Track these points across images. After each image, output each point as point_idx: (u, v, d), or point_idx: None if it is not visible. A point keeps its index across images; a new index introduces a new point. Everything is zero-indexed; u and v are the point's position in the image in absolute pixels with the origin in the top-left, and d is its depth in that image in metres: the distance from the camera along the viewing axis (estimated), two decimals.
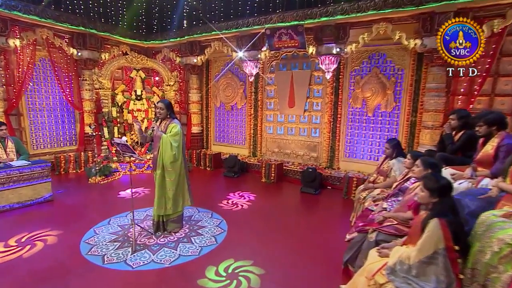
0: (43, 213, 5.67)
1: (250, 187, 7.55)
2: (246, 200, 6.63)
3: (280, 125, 9.03)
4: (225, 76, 9.91)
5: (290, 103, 8.77)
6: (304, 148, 8.71)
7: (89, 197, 6.62)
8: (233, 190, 7.32)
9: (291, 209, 6.28)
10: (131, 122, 9.45)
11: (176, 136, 4.30)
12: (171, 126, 4.38)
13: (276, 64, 8.99)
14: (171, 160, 4.32)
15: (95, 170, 7.85)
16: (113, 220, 5.41)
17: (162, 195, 4.50)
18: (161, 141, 4.32)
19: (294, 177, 8.19)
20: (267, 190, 7.39)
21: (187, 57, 9.59)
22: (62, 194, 6.67)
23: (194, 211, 5.98)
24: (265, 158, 9.48)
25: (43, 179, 6.10)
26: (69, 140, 9.18)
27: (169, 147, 4.28)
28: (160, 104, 4.42)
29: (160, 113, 4.42)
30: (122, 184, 7.71)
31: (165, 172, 4.39)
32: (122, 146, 4.36)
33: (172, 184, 4.45)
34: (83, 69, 8.80)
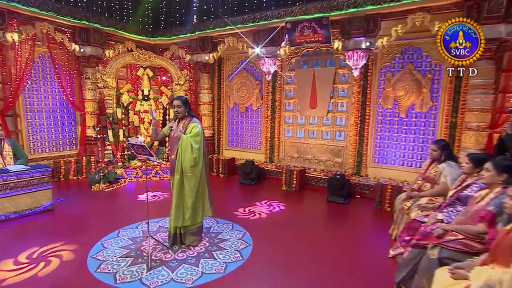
0: (43, 224, 5.42)
1: (270, 196, 7.27)
2: (268, 210, 6.36)
3: (300, 127, 8.76)
4: (239, 75, 9.70)
5: (311, 103, 8.49)
6: (327, 153, 8.41)
7: (93, 206, 6.38)
8: (251, 199, 7.04)
9: (320, 221, 6.00)
10: (137, 125, 9.18)
11: (197, 137, 4.10)
12: (191, 126, 4.17)
13: (296, 61, 8.71)
14: (191, 163, 4.08)
15: (99, 177, 7.58)
16: (122, 232, 5.11)
17: (180, 203, 4.25)
18: (180, 143, 4.12)
19: (317, 185, 7.91)
20: (289, 199, 7.10)
21: (198, 55, 9.36)
22: (63, 202, 6.44)
23: (213, 222, 5.65)
24: (283, 164, 9.16)
25: (43, 186, 5.84)
26: (69, 144, 8.97)
27: (189, 149, 4.06)
28: (176, 101, 4.21)
29: (178, 112, 4.21)
30: (128, 191, 7.51)
31: (184, 177, 4.16)
32: (138, 148, 4.05)
33: (191, 191, 4.20)
34: (85, 67, 8.60)
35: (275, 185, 8.19)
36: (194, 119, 4.28)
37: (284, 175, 7.95)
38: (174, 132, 4.24)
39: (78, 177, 8.45)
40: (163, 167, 8.73)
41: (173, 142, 4.24)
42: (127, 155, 8.80)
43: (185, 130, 4.18)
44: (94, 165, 8.66)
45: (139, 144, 4.00)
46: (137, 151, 4.04)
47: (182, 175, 4.15)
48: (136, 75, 9.24)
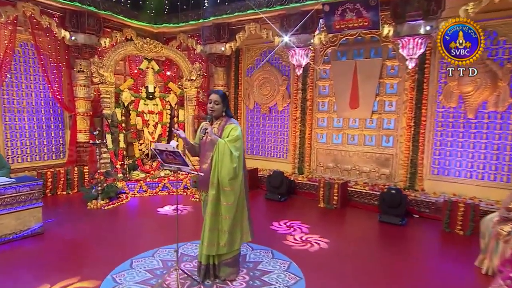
0: (32, 252, 5.02)
1: (308, 215, 6.97)
2: (310, 232, 5.99)
3: (338, 131, 8.46)
4: (262, 69, 9.39)
5: (352, 102, 8.16)
6: (372, 162, 8.08)
7: (93, 228, 6.06)
8: (286, 219, 6.65)
9: (379, 247, 5.60)
10: (141, 128, 8.81)
11: (237, 141, 3.86)
12: (229, 128, 3.93)
13: (332, 51, 8.32)
14: (230, 176, 3.80)
15: (96, 191, 7.17)
16: (136, 262, 4.66)
17: (215, 226, 3.95)
18: (216, 149, 3.84)
19: (362, 201, 7.56)
20: (333, 220, 6.85)
21: (211, 45, 9.02)
22: (54, 223, 6.10)
23: (247, 248, 5.17)
24: (314, 175, 8.71)
25: (32, 204, 5.43)
26: (56, 151, 8.57)
27: (227, 157, 3.80)
28: (214, 96, 3.96)
29: (214, 109, 3.95)
30: (132, 209, 7.24)
31: (221, 193, 3.89)
32: (168, 155, 3.70)
33: (229, 211, 3.92)
34: (77, 59, 8.27)
35: (309, 202, 7.86)
36: (232, 119, 4.05)
37: (322, 190, 7.62)
38: (209, 135, 3.88)
39: (68, 192, 8.09)
40: (172, 180, 8.43)
41: (205, 148, 3.99)
42: (127, 164, 8.51)
43: (221, 133, 3.93)
44: (88, 177, 8.31)
45: (171, 150, 3.62)
46: (166, 160, 3.79)
47: (218, 190, 3.87)
48: (139, 68, 8.96)
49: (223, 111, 3.99)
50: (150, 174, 8.52)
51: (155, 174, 8.57)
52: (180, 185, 8.34)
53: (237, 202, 3.92)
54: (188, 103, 9.17)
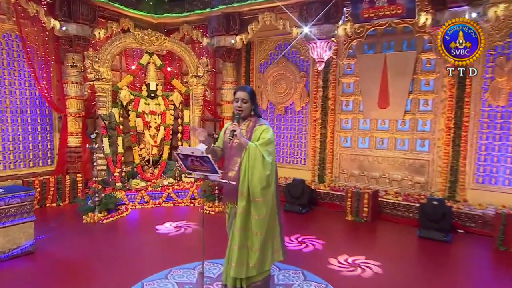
0: (24, 274, 4.82)
1: (336, 230, 6.89)
2: (342, 250, 5.77)
3: (364, 134, 8.29)
4: (277, 64, 9.23)
5: (381, 101, 7.94)
6: (404, 169, 7.84)
7: (91, 245, 5.87)
8: (311, 234, 6.42)
9: (424, 267, 5.32)
10: (141, 131, 8.54)
11: (270, 145, 3.77)
12: (260, 130, 3.83)
13: (358, 44, 8.10)
14: (263, 184, 3.69)
15: (93, 203, 6.90)
16: (148, 286, 4.44)
17: (244, 244, 3.82)
18: (246, 154, 3.74)
19: (394, 213, 7.33)
20: (363, 235, 6.72)
21: (220, 37, 8.83)
22: (47, 240, 5.86)
23: (273, 268, 4.87)
24: (338, 184, 8.52)
25: (23, 218, 5.21)
26: (43, 157, 8.32)
27: (259, 163, 3.68)
28: (241, 93, 3.86)
29: (242, 108, 3.85)
30: (134, 222, 7.08)
31: (252, 205, 3.77)
32: (194, 161, 3.50)
33: (260, 225, 3.79)
34: (67, 52, 8.04)
35: (334, 214, 7.67)
36: (262, 120, 3.96)
37: (349, 200, 7.38)
38: (238, 138, 3.75)
39: (59, 204, 7.82)
40: (177, 189, 8.21)
41: (232, 153, 3.89)
42: (126, 172, 8.31)
43: (250, 136, 3.82)
44: (82, 187, 8.05)
45: (199, 155, 3.42)
46: (190, 166, 3.59)
47: (248, 201, 3.76)
48: (138, 63, 8.72)
49: (252, 110, 3.89)
50: (151, 183, 8.27)
51: (157, 182, 8.31)
52: (186, 195, 8.15)
53: (269, 215, 3.81)
54: (194, 103, 8.98)
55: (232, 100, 9.03)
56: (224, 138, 3.98)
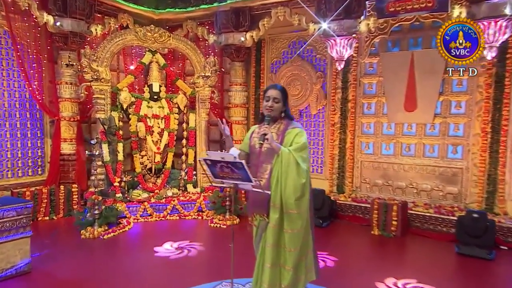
0: None
1: (362, 245, 6.78)
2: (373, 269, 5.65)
3: (388, 140, 8.16)
4: (291, 63, 9.14)
5: (408, 103, 7.80)
6: (434, 178, 7.70)
7: (94, 263, 5.73)
8: (334, 250, 6.25)
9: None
10: (143, 136, 8.38)
11: (304, 151, 3.70)
12: (293, 133, 3.77)
13: (382, 41, 7.88)
14: (298, 194, 3.61)
15: (92, 216, 6.73)
16: None
17: (277, 262, 3.74)
18: (278, 160, 3.66)
19: (425, 227, 7.18)
20: (395, 251, 6.60)
21: (228, 34, 8.80)
22: (42, 258, 5.71)
23: None
24: (359, 194, 8.38)
25: (19, 233, 5.02)
26: (33, 165, 8.22)
27: (294, 170, 3.60)
28: (273, 91, 3.80)
29: (273, 108, 3.78)
30: (136, 238, 6.95)
31: (285, 217, 3.69)
32: (224, 167, 3.41)
33: (294, 240, 3.72)
34: (61, 50, 8.00)
35: (358, 228, 7.57)
36: (294, 122, 3.91)
37: (376, 213, 7.22)
38: (270, 142, 3.61)
39: (52, 217, 7.71)
40: (182, 201, 8.07)
41: (261, 159, 3.80)
42: (126, 181, 8.21)
43: (282, 140, 3.75)
44: (78, 198, 7.92)
45: (231, 161, 3.32)
46: (219, 174, 3.54)
47: (281, 213, 3.68)
48: (140, 62, 8.63)
49: (283, 111, 3.81)
50: (154, 194, 8.10)
51: (160, 193, 8.13)
52: (193, 207, 7.99)
53: (304, 230, 3.75)
54: (200, 106, 8.84)
55: (241, 104, 9.21)
56: (251, 143, 3.88)
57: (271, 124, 3.81)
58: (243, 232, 6.92)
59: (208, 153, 3.58)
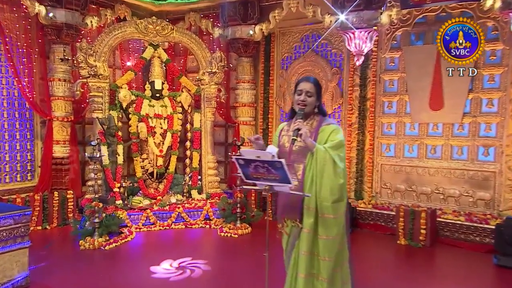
0: None
1: (391, 257, 6.75)
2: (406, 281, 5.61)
3: (412, 141, 8.10)
4: (304, 59, 9.11)
5: (433, 102, 7.73)
6: (462, 183, 7.59)
7: (97, 278, 5.59)
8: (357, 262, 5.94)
9: None
10: (144, 138, 8.32)
11: (341, 149, 3.65)
12: (328, 130, 3.71)
13: (404, 34, 7.87)
14: (335, 197, 3.55)
15: (92, 225, 6.65)
16: None
17: (311, 272, 3.66)
18: (313, 159, 3.60)
19: (456, 236, 7.09)
20: (424, 262, 6.44)
21: (235, 28, 8.81)
22: (40, 271, 5.60)
23: None
24: (379, 201, 8.29)
25: (16, 243, 4.89)
26: (22, 170, 8.17)
27: (331, 170, 3.53)
28: (306, 84, 3.74)
29: (306, 103, 3.71)
30: (140, 249, 6.89)
31: (319, 222, 3.62)
32: (259, 166, 3.31)
33: (329, 248, 3.65)
34: (54, 43, 7.94)
35: (381, 237, 7.51)
36: (328, 118, 3.88)
37: (402, 221, 7.11)
38: (303, 138, 3.53)
39: (45, 227, 7.61)
40: (188, 208, 7.97)
41: (291, 158, 3.72)
42: (126, 187, 8.08)
43: (315, 137, 3.69)
44: (74, 206, 7.80)
45: (268, 160, 3.21)
46: (252, 174, 3.45)
47: (316, 217, 3.61)
48: (141, 57, 8.55)
49: (316, 106, 3.75)
50: (157, 201, 7.98)
51: (163, 200, 7.99)
52: (199, 214, 7.89)
53: (340, 236, 3.69)
54: (206, 105, 8.77)
55: (249, 103, 9.13)
56: (280, 141, 3.80)
57: (303, 120, 3.74)
58: (256, 243, 6.85)
59: (242, 151, 3.49)
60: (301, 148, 3.63)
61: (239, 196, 7.31)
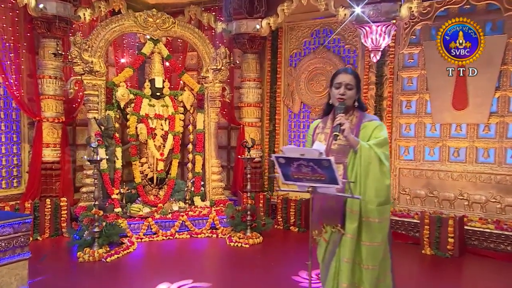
0: None
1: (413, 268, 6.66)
2: None
3: (433, 143, 8.02)
4: (314, 55, 9.07)
5: (456, 101, 7.63)
6: (489, 188, 7.47)
7: None
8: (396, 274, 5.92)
9: None
10: (144, 140, 8.21)
11: (385, 147, 3.61)
12: (371, 127, 3.67)
13: (424, 28, 7.80)
14: (381, 199, 3.50)
15: (91, 234, 6.53)
16: None
17: (353, 282, 3.60)
18: (357, 157, 3.54)
19: (485, 246, 6.96)
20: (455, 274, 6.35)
21: (240, 22, 8.75)
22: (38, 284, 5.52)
23: None
24: (397, 207, 8.22)
25: (15, 255, 4.67)
26: (8, 176, 8.08)
27: (376, 169, 3.49)
28: (345, 76, 3.67)
29: (345, 96, 3.63)
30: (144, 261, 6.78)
31: (363, 227, 3.56)
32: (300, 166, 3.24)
33: (373, 256, 3.59)
34: (44, 37, 7.87)
35: (403, 246, 7.39)
36: (368, 114, 3.85)
37: (427, 228, 7.02)
38: (346, 134, 3.46)
39: (36, 238, 7.49)
40: (193, 216, 7.85)
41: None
42: (124, 194, 7.98)
43: (357, 135, 3.65)
44: (67, 214, 7.67)
45: (314, 158, 3.12)
46: (294, 174, 3.35)
47: (360, 222, 3.55)
48: (140, 53, 8.51)
49: (355, 100, 3.69)
50: (158, 208, 7.86)
51: (165, 208, 7.87)
52: (205, 223, 7.78)
53: (384, 243, 3.62)
54: (210, 105, 8.70)
55: (255, 103, 9.10)
56: (314, 139, 3.74)
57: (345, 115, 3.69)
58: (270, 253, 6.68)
59: (284, 148, 3.37)
60: (340, 146, 3.56)
61: (249, 202, 7.22)
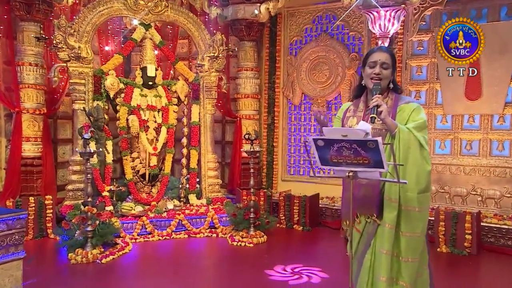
0: None
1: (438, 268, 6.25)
2: None
3: (444, 136, 8.13)
4: (316, 43, 9.10)
5: (469, 91, 7.69)
6: (504, 182, 7.54)
7: None
8: None
9: None
10: (135, 133, 8.10)
11: (425, 130, 3.58)
12: (408, 109, 3.63)
13: (434, 13, 7.90)
14: (422, 186, 3.45)
15: (84, 234, 6.42)
16: None
17: (391, 275, 3.51)
18: (395, 141, 3.47)
19: (502, 243, 6.97)
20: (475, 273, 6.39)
21: (237, 7, 8.76)
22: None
23: None
24: None
25: (9, 254, 4.63)
26: None
27: (417, 153, 3.45)
28: (380, 54, 3.66)
29: (381, 76, 3.60)
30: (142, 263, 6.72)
31: (403, 215, 3.50)
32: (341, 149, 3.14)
33: (414, 248, 3.55)
34: (23, 21, 7.78)
35: None
36: (404, 96, 3.81)
37: (443, 225, 7.00)
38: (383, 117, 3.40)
39: None
40: (190, 215, 7.78)
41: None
42: (115, 191, 7.94)
43: (394, 117, 3.61)
44: (52, 214, 7.58)
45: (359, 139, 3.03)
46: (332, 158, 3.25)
47: (399, 211, 3.49)
48: (130, 39, 8.41)
49: (390, 80, 3.66)
50: (151, 207, 7.77)
51: (159, 206, 7.80)
52: (203, 222, 7.72)
53: (424, 233, 3.58)
54: (206, 96, 8.65)
55: (252, 94, 9.11)
56: (345, 124, 3.68)
57: None
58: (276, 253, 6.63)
59: (324, 129, 3.25)
60: (377, 129, 3.49)
61: (253, 199, 7.16)
